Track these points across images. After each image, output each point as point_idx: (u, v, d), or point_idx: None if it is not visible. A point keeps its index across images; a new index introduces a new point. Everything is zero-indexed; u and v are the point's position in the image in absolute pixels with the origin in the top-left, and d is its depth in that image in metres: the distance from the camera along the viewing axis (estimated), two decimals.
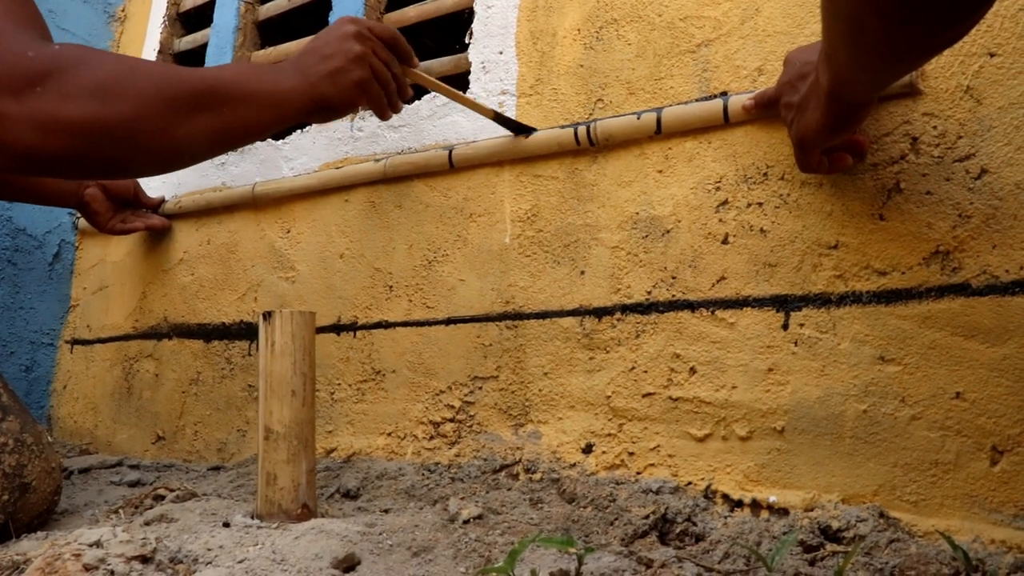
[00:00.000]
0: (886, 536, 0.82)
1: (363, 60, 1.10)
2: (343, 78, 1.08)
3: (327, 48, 1.09)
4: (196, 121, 0.99)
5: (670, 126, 1.07)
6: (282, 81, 1.05)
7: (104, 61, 0.94)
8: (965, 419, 0.85)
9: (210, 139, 1.02)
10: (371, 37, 1.12)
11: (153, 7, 1.89)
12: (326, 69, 1.08)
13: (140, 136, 0.95)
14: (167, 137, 0.97)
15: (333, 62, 1.08)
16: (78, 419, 1.77)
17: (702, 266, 1.03)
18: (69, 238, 1.87)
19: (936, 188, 0.89)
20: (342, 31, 1.10)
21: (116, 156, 0.95)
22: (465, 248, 1.24)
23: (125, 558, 0.74)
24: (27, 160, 0.90)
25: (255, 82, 1.04)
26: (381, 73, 1.12)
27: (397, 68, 1.15)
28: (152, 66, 1.00)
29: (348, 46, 1.09)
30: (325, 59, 1.08)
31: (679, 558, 0.82)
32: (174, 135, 0.97)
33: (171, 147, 0.99)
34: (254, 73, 1.05)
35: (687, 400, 1.02)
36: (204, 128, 1.00)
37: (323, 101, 1.08)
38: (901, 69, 0.73)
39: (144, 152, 0.97)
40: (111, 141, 0.92)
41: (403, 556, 0.83)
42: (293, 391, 0.97)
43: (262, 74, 1.05)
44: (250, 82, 1.03)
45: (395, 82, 1.15)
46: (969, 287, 0.86)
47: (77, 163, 0.93)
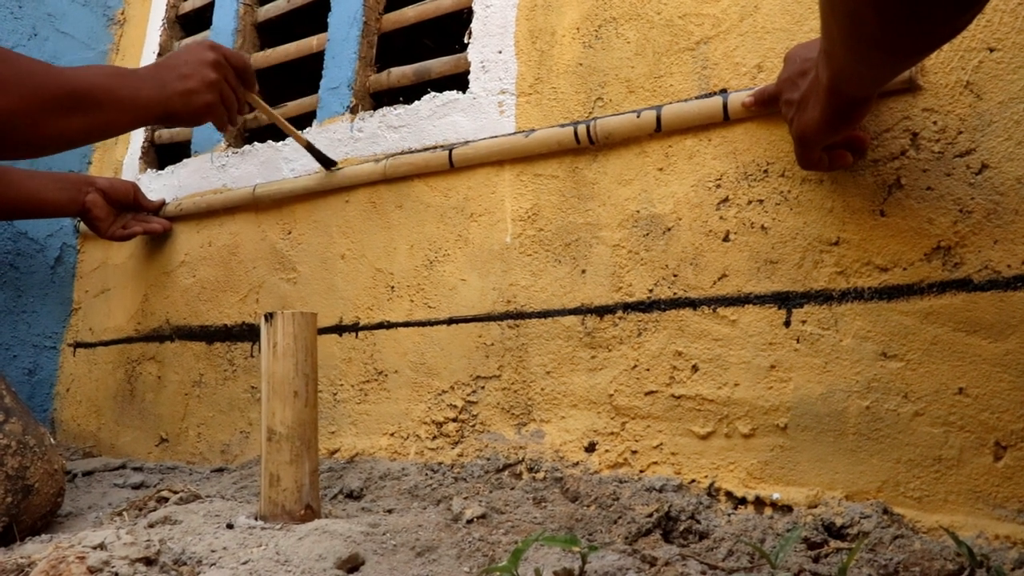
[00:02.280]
0: (890, 532, 0.82)
1: (215, 86, 1.25)
2: (195, 99, 1.23)
3: (186, 68, 1.24)
4: (66, 120, 1.12)
5: (670, 124, 1.07)
6: (142, 91, 1.19)
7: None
8: (968, 415, 0.85)
9: (75, 136, 1.15)
10: (226, 65, 1.27)
11: (152, 10, 1.89)
12: (181, 88, 1.22)
13: (12, 129, 1.07)
14: (37, 131, 1.10)
15: (189, 83, 1.23)
16: (81, 422, 1.77)
17: (703, 264, 1.03)
18: (71, 241, 1.87)
19: (937, 184, 0.89)
20: (202, 57, 1.25)
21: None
22: (466, 248, 1.24)
23: (129, 560, 0.74)
24: None
25: (119, 89, 1.17)
26: (228, 98, 1.28)
27: (241, 93, 1.32)
28: (32, 64, 1.10)
29: (205, 72, 1.24)
30: (182, 78, 1.23)
31: (683, 556, 0.82)
32: (44, 130, 1.10)
33: (38, 140, 1.12)
34: (120, 80, 1.18)
35: (689, 398, 1.02)
36: (72, 126, 1.13)
37: (174, 114, 1.23)
38: (901, 65, 0.73)
39: (11, 143, 1.10)
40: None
41: (407, 556, 0.83)
42: (296, 392, 0.97)
43: (126, 81, 1.18)
44: (116, 89, 1.16)
45: (237, 103, 1.31)
46: (971, 282, 0.86)
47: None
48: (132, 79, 1.19)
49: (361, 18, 1.44)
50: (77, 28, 1.91)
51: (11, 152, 1.14)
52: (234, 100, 1.30)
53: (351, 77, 1.43)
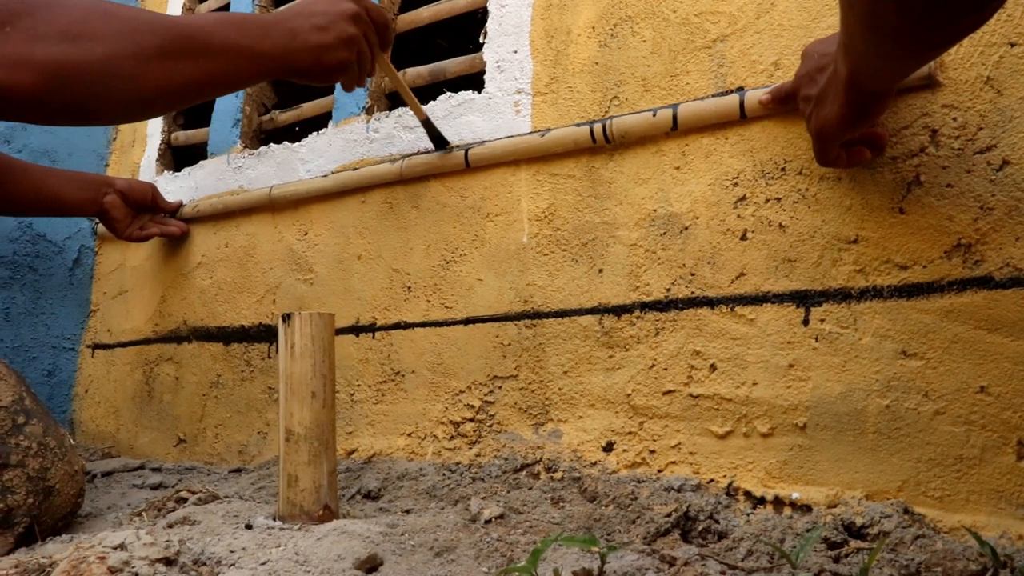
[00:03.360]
0: (911, 532, 0.82)
1: (353, 43, 1.10)
2: (329, 55, 1.08)
3: (323, 19, 1.08)
4: (169, 68, 0.98)
5: (686, 122, 1.06)
6: (264, 40, 1.04)
7: (76, 2, 0.94)
8: (990, 413, 0.84)
9: (183, 88, 1.00)
10: (367, 20, 1.12)
11: (168, 11, 1.89)
12: (315, 41, 1.07)
13: (110, 80, 0.94)
14: (138, 83, 0.96)
15: (325, 36, 1.07)
16: (100, 423, 1.78)
17: (721, 263, 1.03)
18: (89, 243, 1.88)
19: (957, 180, 0.88)
20: (342, 8, 1.09)
21: (83, 100, 0.94)
22: (483, 248, 1.24)
23: (149, 560, 0.74)
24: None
25: (235, 36, 1.02)
26: (364, 56, 1.12)
27: (378, 51, 1.16)
28: (127, 10, 0.98)
29: (344, 26, 1.09)
30: (318, 30, 1.08)
31: (702, 556, 0.82)
32: (145, 81, 0.96)
33: (141, 93, 0.98)
34: (236, 26, 1.04)
35: (708, 397, 1.01)
36: (177, 76, 0.99)
37: (302, 69, 1.08)
38: (920, 59, 0.72)
39: (113, 97, 0.96)
40: (80, 84, 0.92)
41: (425, 556, 0.83)
42: (313, 393, 0.97)
43: (245, 28, 1.04)
44: (230, 35, 1.02)
45: (371, 64, 1.15)
46: (992, 280, 0.85)
47: (43, 105, 0.92)
48: (254, 26, 1.05)
49: None
50: None
51: (115, 112, 1.03)
52: (369, 59, 1.15)
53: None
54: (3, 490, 0.96)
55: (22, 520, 0.98)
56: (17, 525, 0.97)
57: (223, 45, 1.01)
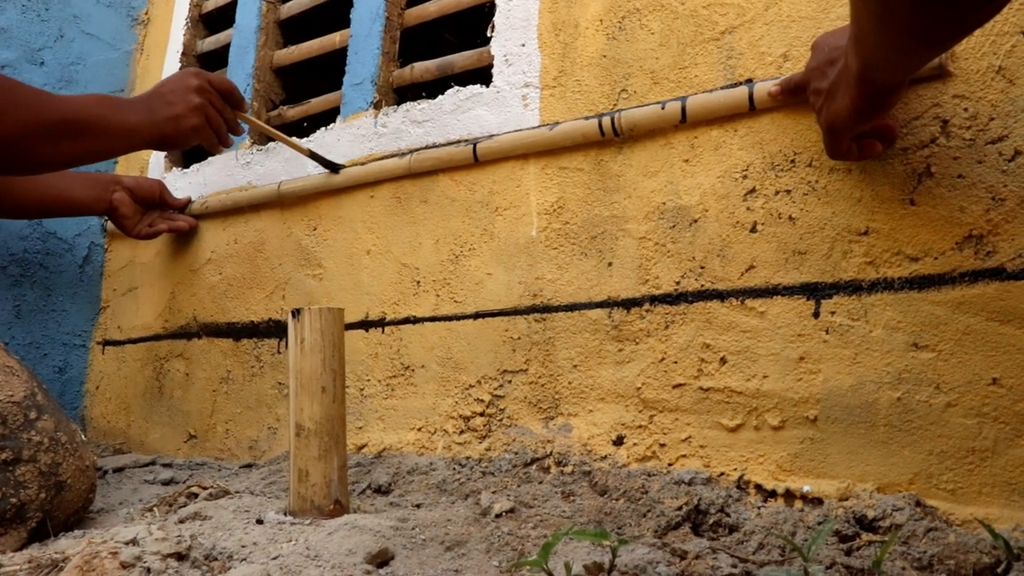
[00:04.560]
0: (923, 525, 0.81)
1: (200, 110, 1.32)
2: (183, 123, 1.31)
3: (172, 96, 1.31)
4: (61, 146, 1.19)
5: (695, 115, 1.06)
6: (132, 118, 1.26)
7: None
8: (1002, 405, 0.83)
9: (67, 160, 1.23)
10: (210, 90, 1.34)
11: (176, 9, 1.90)
12: (169, 114, 1.30)
13: (8, 154, 1.14)
14: (31, 156, 1.17)
15: (175, 109, 1.30)
16: (111, 419, 1.79)
17: (731, 255, 1.02)
18: (98, 240, 1.88)
19: (968, 171, 0.87)
20: (186, 83, 1.32)
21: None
22: (492, 242, 1.23)
23: (161, 555, 0.74)
24: None
25: (113, 117, 1.24)
26: (214, 119, 1.35)
27: (230, 114, 1.39)
28: (29, 92, 1.17)
29: (189, 97, 1.31)
30: (168, 105, 1.30)
31: (713, 549, 0.81)
32: (38, 156, 1.18)
33: (31, 164, 1.20)
34: (112, 108, 1.25)
35: (718, 390, 1.01)
36: (66, 152, 1.20)
37: (165, 138, 1.31)
38: (932, 50, 0.72)
39: (7, 166, 1.18)
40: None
41: (436, 550, 0.83)
42: (323, 388, 0.97)
43: (118, 109, 1.25)
44: (109, 117, 1.23)
45: (227, 124, 1.39)
46: (1004, 271, 0.85)
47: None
48: (123, 108, 1.26)
49: (384, 13, 1.44)
50: (102, 29, 1.93)
51: (4, 172, 1.25)
52: (221, 122, 1.37)
53: (374, 73, 1.43)
54: (15, 485, 0.96)
55: (34, 515, 0.98)
56: (29, 520, 0.98)
57: (102, 125, 1.22)
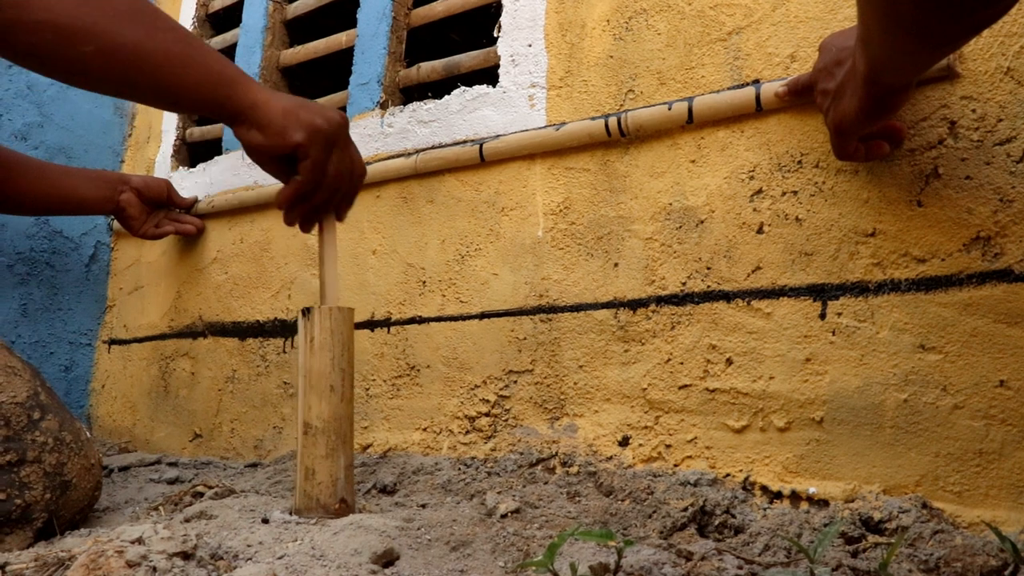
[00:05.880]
0: (930, 527, 0.81)
1: (319, 134, 1.02)
2: (292, 129, 1.01)
3: (302, 104, 1.04)
4: (122, 36, 0.94)
5: (702, 115, 1.06)
6: (242, 79, 1.03)
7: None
8: (1010, 407, 0.83)
9: (121, 70, 0.96)
10: (344, 137, 1.06)
11: (182, 9, 1.90)
12: (286, 106, 1.03)
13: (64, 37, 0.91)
14: (84, 42, 0.92)
15: (299, 111, 1.02)
16: (117, 418, 1.79)
17: (737, 256, 1.02)
18: (104, 239, 1.89)
19: (976, 173, 0.87)
20: (326, 111, 1.04)
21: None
22: (498, 242, 1.23)
23: (167, 554, 0.74)
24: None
25: (211, 55, 1.02)
26: (320, 161, 1.04)
27: (331, 206, 1.09)
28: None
29: (315, 118, 1.03)
30: (296, 104, 1.03)
31: (719, 550, 0.81)
32: (95, 43, 0.93)
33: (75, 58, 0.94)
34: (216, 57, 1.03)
35: (724, 391, 1.01)
36: (125, 55, 0.95)
37: (260, 120, 1.02)
38: (939, 52, 0.72)
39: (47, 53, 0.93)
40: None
41: (442, 550, 0.83)
42: (332, 387, 0.97)
43: (226, 63, 1.03)
44: (206, 51, 1.01)
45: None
46: (1012, 273, 0.84)
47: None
48: (222, 56, 1.04)
49: (390, 13, 1.44)
50: None
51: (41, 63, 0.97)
52: (323, 167, 1.05)
53: (381, 72, 1.43)
54: (21, 486, 0.97)
55: (40, 515, 0.98)
56: (35, 520, 0.98)
57: (187, 48, 0.99)
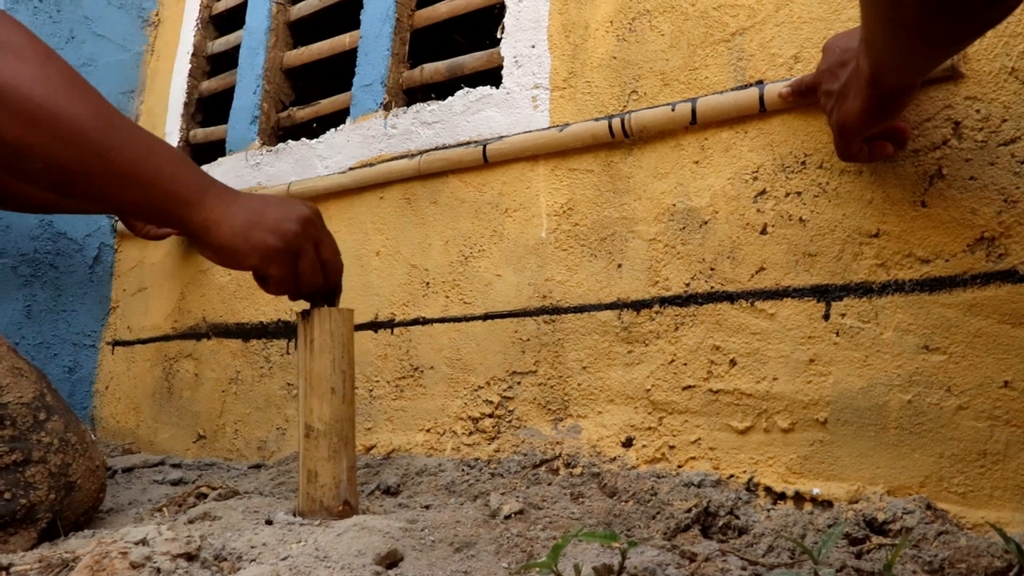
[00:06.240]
0: (934, 528, 0.81)
1: (296, 239, 0.93)
2: (259, 235, 0.91)
3: (271, 205, 0.94)
4: (62, 157, 0.81)
5: (705, 116, 1.06)
6: (190, 178, 0.89)
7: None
8: (1014, 408, 0.83)
9: (58, 178, 0.83)
10: (319, 231, 0.97)
11: (186, 11, 1.90)
12: (250, 216, 0.91)
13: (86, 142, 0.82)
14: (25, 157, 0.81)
15: (267, 212, 0.92)
16: (120, 419, 1.79)
17: (741, 257, 1.02)
18: (108, 241, 1.89)
19: (980, 173, 0.87)
20: (295, 205, 0.96)
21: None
22: (501, 243, 1.23)
23: (171, 556, 0.74)
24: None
25: (164, 162, 0.88)
26: (306, 256, 0.95)
27: (319, 281, 0.97)
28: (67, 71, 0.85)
29: (293, 214, 0.94)
30: (262, 207, 0.93)
31: (723, 551, 0.81)
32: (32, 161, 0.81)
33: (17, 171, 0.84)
34: (170, 155, 0.90)
35: (728, 392, 1.01)
36: (63, 163, 0.82)
37: (220, 241, 0.90)
38: (943, 53, 0.72)
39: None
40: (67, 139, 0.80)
41: (445, 552, 0.83)
42: (333, 388, 0.97)
43: (179, 162, 0.90)
44: (159, 154, 0.88)
45: (315, 289, 0.98)
46: (1016, 273, 0.84)
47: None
48: (191, 169, 0.91)
49: (394, 15, 1.44)
50: (113, 30, 1.93)
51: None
52: (313, 264, 0.96)
53: (384, 74, 1.43)
54: (25, 486, 0.97)
55: (44, 516, 0.98)
56: (40, 520, 0.98)
57: (135, 156, 0.85)
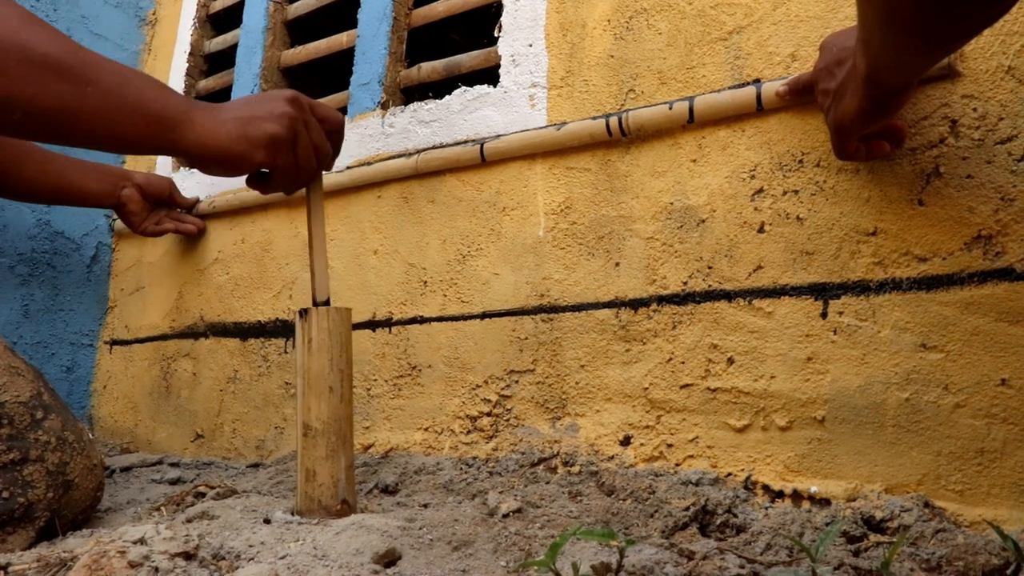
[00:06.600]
0: (931, 526, 0.81)
1: (287, 120, 0.95)
2: (256, 127, 0.93)
3: (253, 101, 0.96)
4: (45, 90, 0.84)
5: (703, 115, 1.06)
6: (173, 101, 0.92)
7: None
8: (1012, 406, 0.83)
9: (44, 122, 0.86)
10: (307, 110, 0.97)
11: (183, 10, 1.90)
12: (239, 115, 0.93)
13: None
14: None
15: (251, 110, 0.94)
16: (118, 418, 1.79)
17: (738, 255, 1.02)
18: (106, 240, 1.89)
19: (977, 171, 0.87)
20: (277, 93, 0.97)
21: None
22: (499, 242, 1.23)
23: (169, 555, 0.74)
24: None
25: (143, 89, 0.90)
26: (303, 142, 0.97)
27: (326, 148, 1.00)
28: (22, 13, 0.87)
29: (276, 104, 0.95)
30: (244, 105, 0.95)
31: (721, 550, 0.81)
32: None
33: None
34: (145, 81, 0.92)
35: (725, 391, 1.01)
36: (48, 103, 0.85)
37: (219, 147, 0.93)
38: (939, 52, 0.72)
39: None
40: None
41: (443, 550, 0.83)
42: (331, 387, 0.97)
43: (154, 87, 0.92)
44: (134, 84, 0.90)
45: (317, 159, 0.99)
46: (1013, 272, 0.84)
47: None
48: (166, 91, 0.93)
49: (391, 14, 1.44)
50: (110, 29, 1.93)
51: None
52: (309, 149, 0.98)
53: (381, 73, 1.43)
54: (23, 485, 0.97)
55: (42, 514, 0.98)
56: (37, 519, 0.98)
57: (115, 85, 0.88)
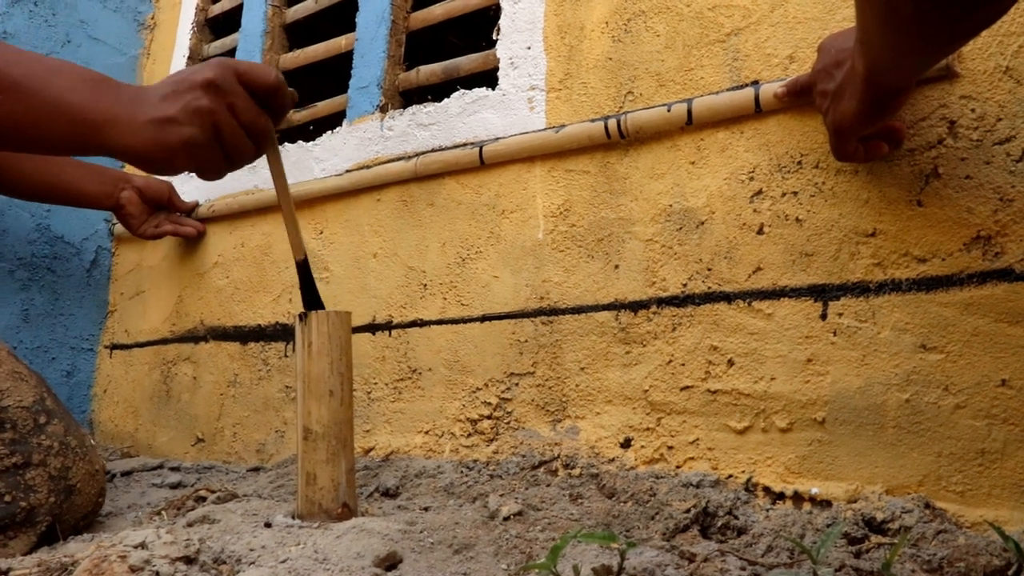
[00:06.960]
0: (932, 527, 0.81)
1: (203, 116, 0.88)
2: (169, 132, 0.88)
3: (171, 87, 0.90)
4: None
5: (701, 117, 1.06)
6: (83, 96, 0.88)
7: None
8: (1012, 407, 0.83)
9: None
10: (232, 88, 0.89)
11: (182, 14, 1.90)
12: (153, 114, 0.88)
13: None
14: None
15: (166, 107, 0.88)
16: (119, 423, 1.79)
17: (737, 257, 1.02)
18: (106, 244, 1.89)
19: (975, 172, 0.87)
20: (197, 76, 0.89)
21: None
22: (498, 245, 1.23)
23: (170, 559, 0.74)
24: None
25: (57, 83, 0.88)
26: (228, 132, 0.90)
27: (262, 123, 0.92)
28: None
29: (193, 96, 0.88)
30: (162, 99, 0.89)
31: (722, 552, 0.81)
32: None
33: None
34: (59, 77, 0.89)
35: (726, 392, 1.01)
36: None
37: (135, 148, 0.89)
38: (937, 53, 0.72)
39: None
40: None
41: (444, 554, 0.83)
42: (331, 391, 0.97)
43: (66, 80, 0.89)
44: (50, 82, 0.88)
45: (251, 137, 0.92)
46: (1012, 272, 0.84)
47: None
48: (99, 86, 0.89)
49: (389, 17, 1.44)
50: (109, 34, 1.93)
51: None
52: (239, 135, 0.91)
53: (380, 76, 1.43)
54: (25, 489, 0.97)
55: (44, 519, 0.98)
56: (39, 524, 0.98)
57: (28, 83, 0.87)
